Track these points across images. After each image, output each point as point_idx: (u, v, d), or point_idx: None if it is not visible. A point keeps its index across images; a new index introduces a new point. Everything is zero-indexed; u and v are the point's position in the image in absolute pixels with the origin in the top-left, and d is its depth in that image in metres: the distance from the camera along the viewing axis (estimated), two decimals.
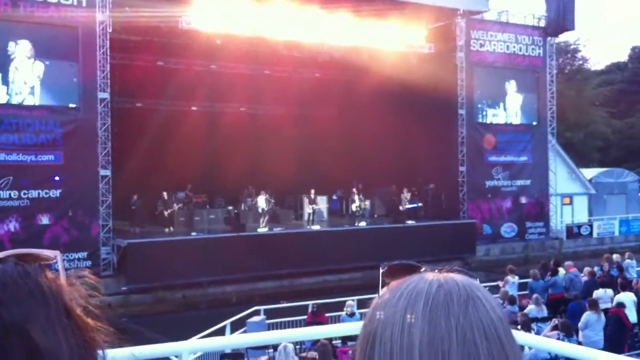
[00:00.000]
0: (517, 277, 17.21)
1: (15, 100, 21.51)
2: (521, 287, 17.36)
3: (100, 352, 0.87)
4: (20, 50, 21.48)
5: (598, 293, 14.30)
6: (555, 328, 11.80)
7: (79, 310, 0.86)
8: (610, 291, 14.40)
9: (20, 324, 0.78)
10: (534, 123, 32.12)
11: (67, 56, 22.13)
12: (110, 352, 0.89)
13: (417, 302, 0.85)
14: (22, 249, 0.89)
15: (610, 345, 11.35)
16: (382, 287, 0.93)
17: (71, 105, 22.28)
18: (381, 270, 0.94)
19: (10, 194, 21.23)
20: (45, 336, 0.79)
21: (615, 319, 12.12)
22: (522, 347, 9.49)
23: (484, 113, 30.82)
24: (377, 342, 0.86)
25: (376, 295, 0.94)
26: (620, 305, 12.63)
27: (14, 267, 0.83)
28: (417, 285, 0.87)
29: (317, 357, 10.57)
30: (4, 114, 21.21)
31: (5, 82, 21.36)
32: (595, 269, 17.20)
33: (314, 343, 11.08)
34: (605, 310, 12.60)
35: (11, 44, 21.37)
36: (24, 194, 21.43)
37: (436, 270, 0.91)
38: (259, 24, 24.87)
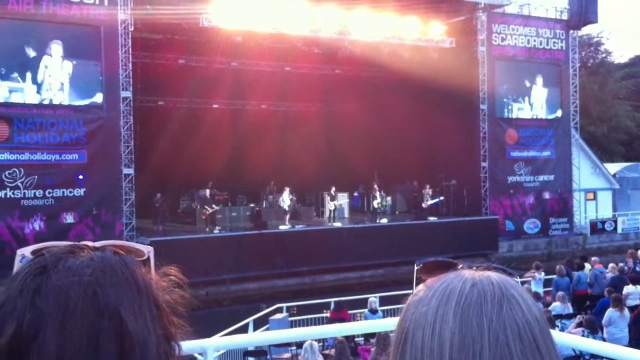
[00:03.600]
0: (543, 273, 17.05)
1: (45, 100, 21.76)
2: (545, 283, 17.20)
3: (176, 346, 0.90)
4: (54, 50, 21.71)
5: (628, 289, 14.08)
6: (579, 325, 11.69)
7: (165, 306, 0.90)
8: None
9: (114, 307, 0.81)
10: (557, 116, 31.79)
11: (91, 55, 22.33)
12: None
13: (449, 302, 0.83)
14: (119, 241, 0.95)
15: (637, 342, 11.19)
16: (417, 284, 0.93)
17: (94, 103, 22.49)
18: (415, 267, 0.93)
19: (35, 193, 21.48)
20: (137, 322, 0.82)
21: None
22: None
23: (510, 107, 30.57)
24: (408, 340, 0.85)
25: (411, 292, 0.93)
26: None
27: (112, 255, 0.88)
28: (451, 284, 0.85)
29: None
30: (29, 113, 21.46)
31: (35, 82, 21.63)
32: (621, 264, 16.96)
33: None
34: (633, 307, 12.43)
35: (40, 44, 21.59)
36: (49, 192, 21.67)
37: (473, 268, 0.89)
38: (279, 21, 24.91)
